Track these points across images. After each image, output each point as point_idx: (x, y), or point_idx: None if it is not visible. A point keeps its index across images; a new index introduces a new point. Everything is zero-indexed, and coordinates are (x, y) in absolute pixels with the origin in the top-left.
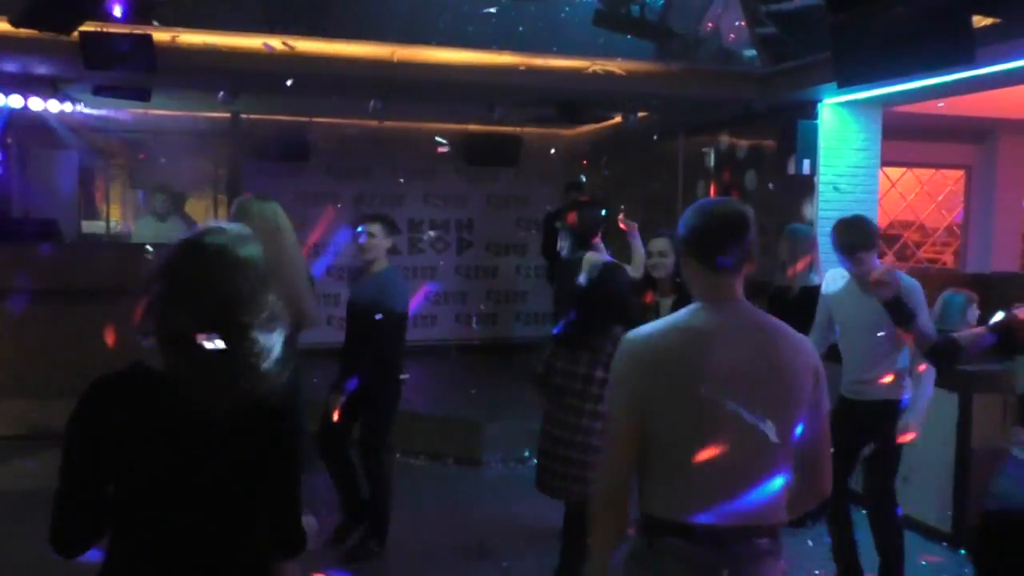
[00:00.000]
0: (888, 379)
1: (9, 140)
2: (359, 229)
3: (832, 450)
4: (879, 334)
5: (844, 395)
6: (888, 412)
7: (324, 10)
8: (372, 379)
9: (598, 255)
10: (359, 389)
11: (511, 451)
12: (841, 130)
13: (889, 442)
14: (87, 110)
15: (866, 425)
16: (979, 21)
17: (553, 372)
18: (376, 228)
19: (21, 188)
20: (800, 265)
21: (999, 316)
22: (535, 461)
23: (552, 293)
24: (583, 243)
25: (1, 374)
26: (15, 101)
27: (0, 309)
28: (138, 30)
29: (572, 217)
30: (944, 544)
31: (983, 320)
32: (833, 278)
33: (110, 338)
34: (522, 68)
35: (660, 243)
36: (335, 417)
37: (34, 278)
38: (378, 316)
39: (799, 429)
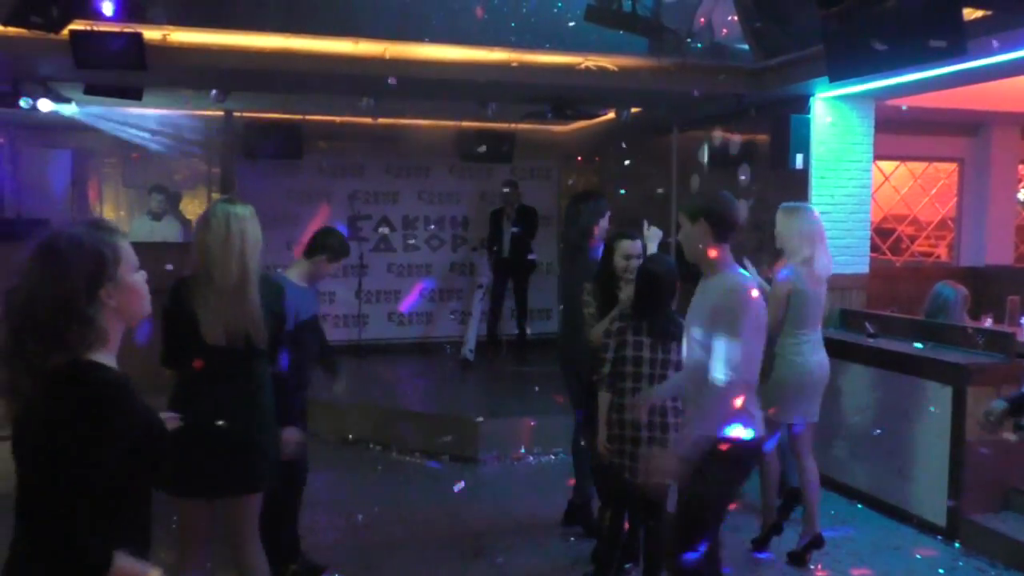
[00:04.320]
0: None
1: (1, 139)
2: None
3: None
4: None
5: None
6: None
7: (316, 7)
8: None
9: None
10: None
11: (507, 448)
12: (834, 124)
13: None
14: (78, 108)
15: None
16: (970, 14)
17: (624, 362)
18: None
19: (13, 188)
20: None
21: None
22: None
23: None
24: (586, 235)
25: None
26: (6, 100)
27: None
28: (128, 29)
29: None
30: (939, 538)
31: (973, 314)
32: None
33: None
34: (515, 64)
35: (636, 246)
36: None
37: None
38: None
39: None
